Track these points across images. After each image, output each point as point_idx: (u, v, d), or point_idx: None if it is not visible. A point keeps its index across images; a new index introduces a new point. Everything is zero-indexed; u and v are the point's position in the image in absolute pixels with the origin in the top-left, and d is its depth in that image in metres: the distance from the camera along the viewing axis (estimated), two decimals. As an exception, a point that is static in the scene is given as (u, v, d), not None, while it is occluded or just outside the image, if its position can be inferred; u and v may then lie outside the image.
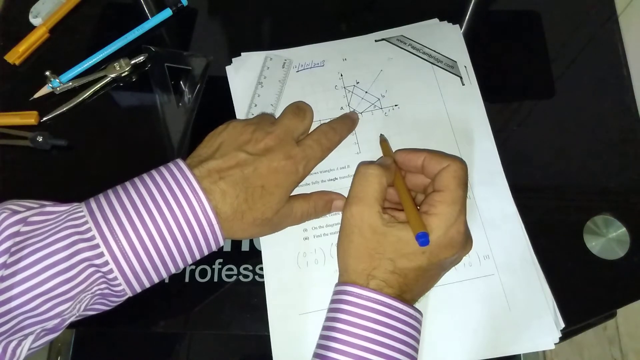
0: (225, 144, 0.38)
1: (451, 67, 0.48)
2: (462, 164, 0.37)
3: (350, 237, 0.37)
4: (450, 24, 0.51)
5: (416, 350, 0.35)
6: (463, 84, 0.48)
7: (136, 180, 0.36)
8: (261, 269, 0.42)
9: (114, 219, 0.33)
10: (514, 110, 0.48)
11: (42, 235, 0.32)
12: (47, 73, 0.48)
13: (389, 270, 0.35)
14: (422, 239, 0.34)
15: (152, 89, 0.49)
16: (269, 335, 0.40)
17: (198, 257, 0.37)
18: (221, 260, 0.43)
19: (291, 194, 0.40)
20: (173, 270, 0.36)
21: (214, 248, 0.37)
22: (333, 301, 0.37)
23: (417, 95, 0.47)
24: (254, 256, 0.43)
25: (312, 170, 0.41)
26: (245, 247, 0.43)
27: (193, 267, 0.42)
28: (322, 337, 0.36)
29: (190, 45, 0.52)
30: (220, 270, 0.42)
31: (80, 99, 0.48)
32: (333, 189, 0.43)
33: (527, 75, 0.50)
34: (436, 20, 0.51)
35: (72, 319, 0.34)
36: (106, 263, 0.33)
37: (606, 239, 0.43)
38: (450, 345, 0.40)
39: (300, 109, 0.42)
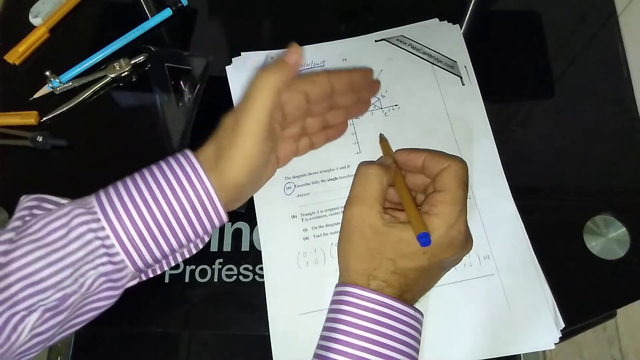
0: None
1: (451, 67, 0.48)
2: (462, 164, 0.37)
3: (351, 238, 0.37)
4: (450, 24, 0.51)
5: (417, 350, 0.35)
6: (463, 84, 0.48)
7: (143, 169, 0.37)
8: (261, 269, 0.42)
9: (115, 195, 0.35)
10: (514, 110, 0.48)
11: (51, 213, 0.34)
12: (47, 73, 0.48)
13: (390, 270, 0.35)
14: (424, 239, 0.34)
15: (152, 89, 0.49)
16: (269, 335, 0.40)
17: (200, 230, 0.36)
18: (221, 260, 0.43)
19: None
20: (174, 244, 0.36)
21: (216, 220, 0.37)
22: (334, 302, 0.37)
23: (417, 95, 0.47)
24: (254, 256, 0.43)
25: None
26: (245, 247, 0.43)
27: (193, 267, 0.42)
28: (322, 337, 0.35)
29: (190, 45, 0.52)
30: (220, 270, 0.42)
31: (80, 99, 0.48)
32: (333, 189, 0.43)
33: (527, 75, 0.50)
34: (436, 20, 0.51)
35: (75, 297, 0.33)
36: (103, 228, 0.33)
37: (606, 239, 0.43)
38: (450, 345, 0.40)
39: None
